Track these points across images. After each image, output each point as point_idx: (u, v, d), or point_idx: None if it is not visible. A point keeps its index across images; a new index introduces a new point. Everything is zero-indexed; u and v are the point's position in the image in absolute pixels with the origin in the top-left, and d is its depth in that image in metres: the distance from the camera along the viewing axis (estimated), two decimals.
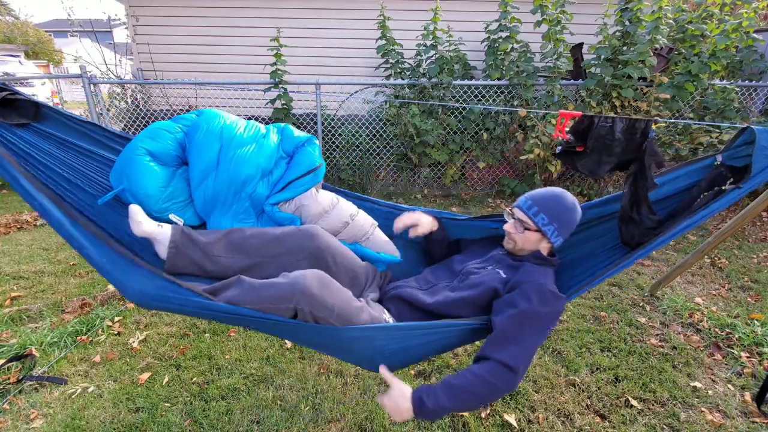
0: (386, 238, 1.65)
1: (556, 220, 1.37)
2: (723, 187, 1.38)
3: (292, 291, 1.13)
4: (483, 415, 1.69)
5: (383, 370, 1.19)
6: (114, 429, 1.62)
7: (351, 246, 1.57)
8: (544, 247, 1.42)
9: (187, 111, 5.27)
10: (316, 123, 4.73)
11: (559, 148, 1.69)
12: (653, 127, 1.50)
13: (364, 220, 1.61)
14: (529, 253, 1.41)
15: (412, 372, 1.93)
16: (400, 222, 1.57)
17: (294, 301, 1.12)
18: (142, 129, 4.99)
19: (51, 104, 1.50)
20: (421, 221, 1.58)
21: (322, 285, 1.17)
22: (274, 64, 4.50)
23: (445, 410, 1.10)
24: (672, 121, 2.73)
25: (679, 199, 1.62)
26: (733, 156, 1.54)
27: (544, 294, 1.21)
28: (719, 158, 1.57)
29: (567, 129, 1.66)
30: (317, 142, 1.62)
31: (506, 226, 1.44)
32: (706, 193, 1.46)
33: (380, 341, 1.18)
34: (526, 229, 1.38)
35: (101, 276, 1.19)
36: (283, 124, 1.64)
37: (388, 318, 1.32)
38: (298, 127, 4.87)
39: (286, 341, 2.13)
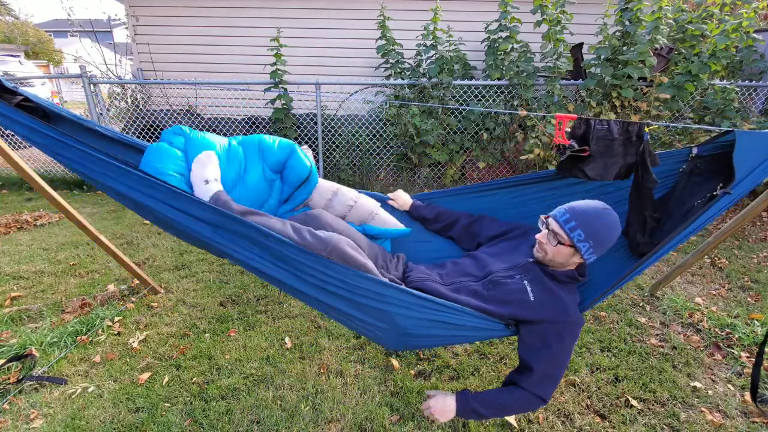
0: (389, 216, 1.76)
1: (593, 238, 1.26)
2: (714, 193, 1.40)
3: (327, 243, 1.26)
4: None
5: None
6: (114, 429, 1.62)
7: (359, 227, 1.67)
8: (574, 263, 1.36)
9: (187, 110, 5.29)
10: (316, 123, 4.73)
11: (563, 156, 1.62)
12: (646, 129, 1.52)
13: (367, 201, 1.73)
14: (560, 267, 1.37)
15: (413, 372, 1.93)
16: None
17: (327, 251, 1.24)
18: (142, 129, 4.94)
19: (62, 108, 1.49)
20: (396, 195, 1.84)
21: (353, 248, 1.30)
22: (274, 64, 4.50)
23: (478, 414, 1.31)
24: (666, 124, 2.73)
25: (662, 185, 1.66)
26: (708, 150, 1.59)
27: (574, 329, 1.28)
28: (694, 150, 1.62)
29: (567, 133, 1.65)
30: (300, 148, 1.63)
31: (539, 236, 1.37)
32: (699, 201, 1.49)
33: (409, 308, 1.23)
34: (560, 243, 1.31)
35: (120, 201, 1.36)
36: (257, 139, 1.61)
37: None
38: (298, 128, 4.91)
39: (286, 341, 2.13)
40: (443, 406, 1.32)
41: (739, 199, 1.38)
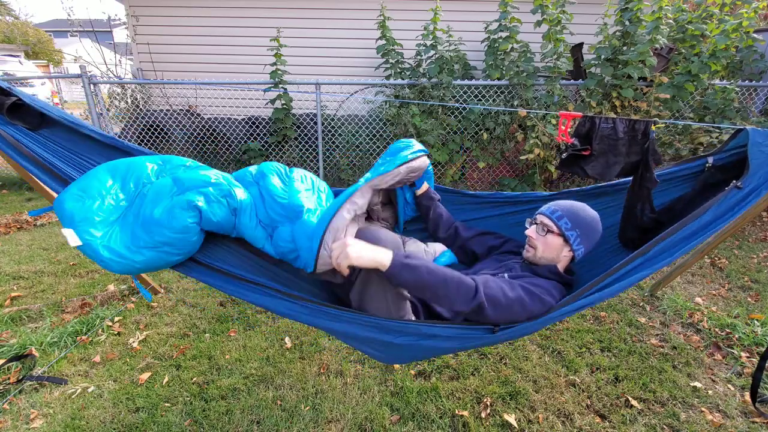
0: (437, 245, 1.67)
1: (578, 227, 1.38)
2: (725, 188, 1.38)
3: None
4: (483, 414, 1.69)
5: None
6: (114, 429, 1.62)
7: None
8: (564, 258, 1.40)
9: (187, 110, 5.29)
10: (316, 123, 4.73)
11: (565, 154, 1.65)
12: (653, 128, 1.51)
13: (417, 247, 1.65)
14: (547, 264, 1.39)
15: (413, 372, 1.93)
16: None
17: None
18: (142, 129, 4.90)
19: (57, 109, 1.46)
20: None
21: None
22: (274, 64, 4.50)
23: (410, 268, 1.12)
24: (672, 121, 2.73)
25: (672, 196, 1.65)
26: (723, 157, 1.56)
27: (540, 298, 1.24)
28: (710, 160, 1.59)
29: (570, 131, 1.64)
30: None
31: (528, 232, 1.43)
32: (707, 194, 1.46)
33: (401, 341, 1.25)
34: (549, 232, 1.38)
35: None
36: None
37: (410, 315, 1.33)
38: (298, 128, 4.91)
39: (286, 341, 2.13)
40: (367, 248, 1.12)
41: (754, 198, 1.29)
